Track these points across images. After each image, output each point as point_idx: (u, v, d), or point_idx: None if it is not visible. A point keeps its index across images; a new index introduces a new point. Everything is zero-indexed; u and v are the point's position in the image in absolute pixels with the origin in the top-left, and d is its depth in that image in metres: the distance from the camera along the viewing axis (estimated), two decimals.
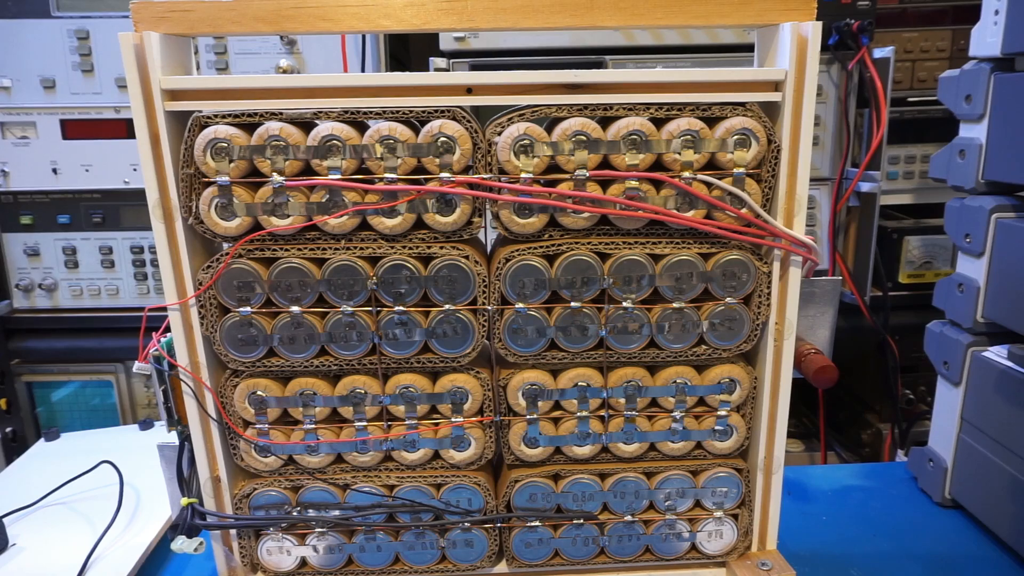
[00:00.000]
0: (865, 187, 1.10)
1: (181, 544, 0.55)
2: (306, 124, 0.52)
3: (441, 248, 0.53)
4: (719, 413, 0.57)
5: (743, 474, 0.59)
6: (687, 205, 0.52)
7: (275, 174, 0.51)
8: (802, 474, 0.85)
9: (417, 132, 0.51)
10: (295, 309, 0.53)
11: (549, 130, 0.52)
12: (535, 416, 0.57)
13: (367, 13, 0.50)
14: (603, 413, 0.57)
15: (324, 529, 0.58)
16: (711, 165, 0.53)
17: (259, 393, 0.55)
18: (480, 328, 0.54)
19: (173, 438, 0.57)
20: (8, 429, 1.28)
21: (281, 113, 0.51)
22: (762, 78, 0.52)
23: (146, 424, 0.93)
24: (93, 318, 1.27)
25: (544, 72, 0.50)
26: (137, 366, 0.55)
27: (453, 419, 0.56)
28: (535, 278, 0.53)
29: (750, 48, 0.58)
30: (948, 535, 0.72)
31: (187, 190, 0.51)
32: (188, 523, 0.55)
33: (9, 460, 1.20)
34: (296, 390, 0.55)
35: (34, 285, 1.26)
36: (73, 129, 1.21)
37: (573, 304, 0.54)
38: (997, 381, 0.68)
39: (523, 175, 0.51)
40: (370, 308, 0.54)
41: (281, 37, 1.18)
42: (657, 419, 0.58)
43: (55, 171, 1.23)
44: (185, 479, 0.56)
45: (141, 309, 0.65)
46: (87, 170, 1.23)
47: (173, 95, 0.50)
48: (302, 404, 0.56)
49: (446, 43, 1.11)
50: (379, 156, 0.51)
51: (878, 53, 1.06)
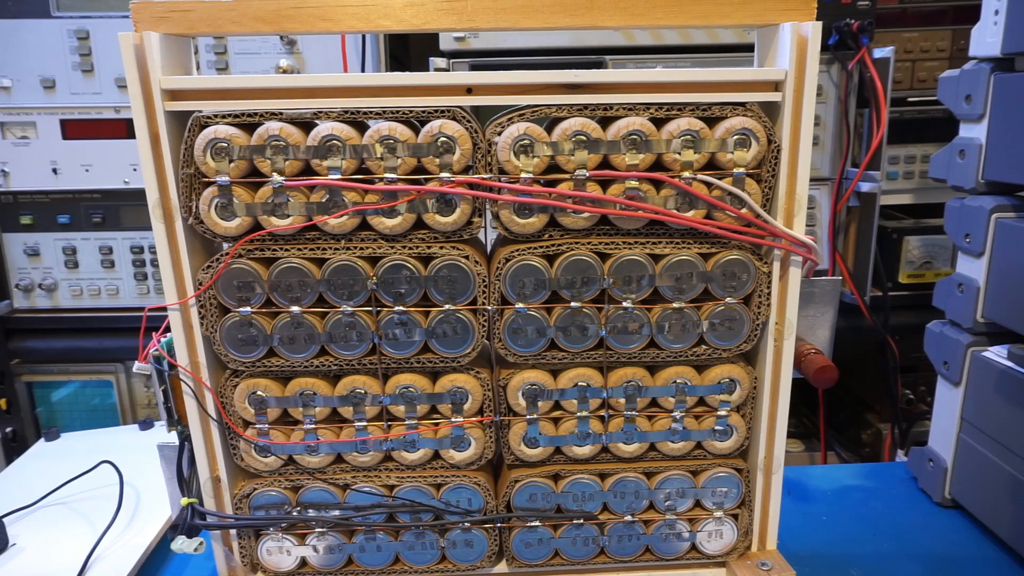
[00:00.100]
0: (865, 187, 1.10)
1: (181, 544, 0.55)
2: (306, 124, 0.52)
3: (441, 248, 0.53)
4: (719, 413, 0.57)
5: (743, 474, 0.59)
6: (687, 205, 0.52)
7: (275, 174, 0.51)
8: (802, 474, 0.85)
9: (417, 132, 0.51)
10: (295, 309, 0.53)
11: (549, 130, 0.52)
12: (535, 416, 0.57)
13: (367, 13, 0.50)
14: (603, 413, 0.57)
15: (324, 529, 0.58)
16: (711, 165, 0.53)
17: (259, 393, 0.55)
18: (480, 328, 0.54)
19: (173, 438, 0.57)
20: (8, 429, 1.28)
21: (281, 113, 0.51)
22: (762, 78, 0.52)
23: (146, 424, 0.93)
24: (93, 318, 1.27)
25: (544, 72, 0.50)
26: (137, 366, 0.55)
27: (453, 419, 0.56)
28: (535, 278, 0.53)
29: (750, 48, 0.58)
30: (948, 535, 0.72)
31: (187, 190, 0.51)
32: (188, 523, 0.55)
33: (9, 460, 1.20)
34: (296, 390, 0.55)
35: (34, 285, 1.26)
36: (73, 129, 1.21)
37: (573, 304, 0.54)
38: (997, 381, 0.67)
39: (523, 175, 0.51)
40: (370, 308, 0.54)
41: (281, 37, 1.18)
42: (657, 419, 0.58)
43: (55, 171, 1.23)
44: (185, 479, 0.56)
45: (141, 309, 0.65)
46: (87, 170, 1.23)
47: (173, 95, 0.50)
48: (302, 404, 0.56)
49: (446, 43, 1.11)
50: (379, 156, 0.51)
51: (878, 53, 1.06)
